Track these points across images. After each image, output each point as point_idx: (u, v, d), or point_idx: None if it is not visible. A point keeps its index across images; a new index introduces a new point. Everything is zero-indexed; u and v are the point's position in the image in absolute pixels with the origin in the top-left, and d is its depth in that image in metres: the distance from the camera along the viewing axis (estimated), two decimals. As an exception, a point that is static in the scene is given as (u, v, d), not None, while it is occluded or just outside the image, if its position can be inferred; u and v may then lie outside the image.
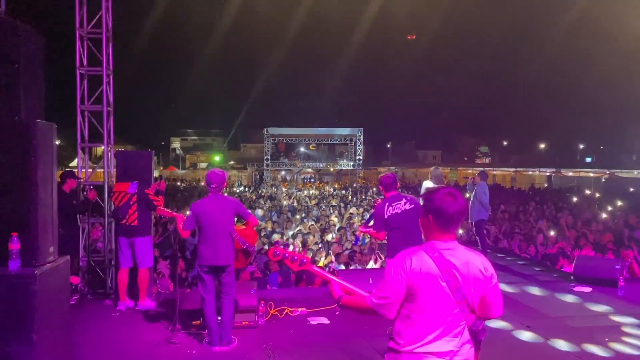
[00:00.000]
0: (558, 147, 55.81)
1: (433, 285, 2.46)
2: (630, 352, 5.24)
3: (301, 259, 3.02)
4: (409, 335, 2.50)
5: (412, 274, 2.47)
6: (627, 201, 19.16)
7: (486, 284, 2.54)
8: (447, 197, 2.56)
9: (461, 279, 2.48)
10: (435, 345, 2.46)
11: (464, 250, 2.60)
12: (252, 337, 5.61)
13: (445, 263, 2.48)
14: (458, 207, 2.55)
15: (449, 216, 2.54)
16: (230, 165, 53.93)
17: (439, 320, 2.47)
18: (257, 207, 19.32)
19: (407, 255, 2.56)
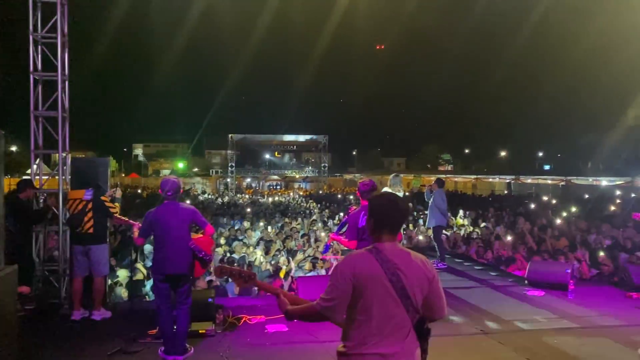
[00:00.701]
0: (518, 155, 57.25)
1: (378, 285, 2.52)
2: (576, 354, 5.41)
3: (247, 275, 3.06)
4: (356, 338, 2.54)
5: (358, 275, 2.52)
6: (582, 207, 19.82)
7: (429, 284, 2.61)
8: (390, 203, 2.67)
9: (405, 279, 2.54)
10: (382, 346, 2.51)
11: (407, 252, 2.69)
12: (209, 345, 5.57)
13: (389, 263, 2.55)
14: (399, 213, 2.66)
15: (392, 220, 2.65)
16: (194, 172, 53.34)
17: (384, 320, 2.52)
18: (219, 214, 19.17)
19: (353, 257, 2.64)
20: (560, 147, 53.43)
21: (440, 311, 2.69)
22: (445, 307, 2.72)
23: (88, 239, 6.49)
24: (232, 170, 39.81)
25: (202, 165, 59.90)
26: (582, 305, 7.18)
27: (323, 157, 41.12)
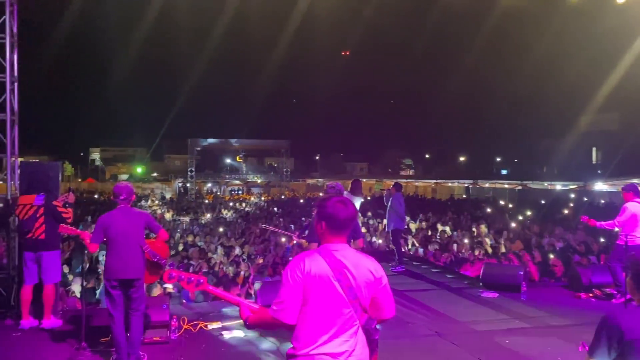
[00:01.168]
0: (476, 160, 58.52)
1: (326, 285, 2.54)
2: (527, 354, 5.56)
3: (197, 279, 3.03)
4: (304, 338, 2.55)
5: (307, 276, 2.54)
6: (537, 211, 20.43)
7: (377, 285, 2.64)
8: (339, 204, 2.70)
9: (353, 279, 2.57)
10: (330, 346, 2.52)
11: (355, 252, 2.72)
12: (163, 352, 5.49)
13: (338, 264, 2.58)
14: (348, 213, 2.70)
15: (340, 221, 2.67)
16: (153, 177, 52.40)
17: (333, 320, 2.54)
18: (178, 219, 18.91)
19: (302, 258, 2.65)
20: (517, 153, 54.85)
21: (389, 311, 2.73)
22: (394, 308, 2.77)
23: (39, 246, 6.29)
24: (191, 175, 39.33)
25: (162, 170, 58.92)
26: (533, 306, 7.38)
27: (285, 161, 41.12)
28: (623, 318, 2.72)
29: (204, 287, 3.06)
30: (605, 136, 40.39)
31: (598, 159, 43.00)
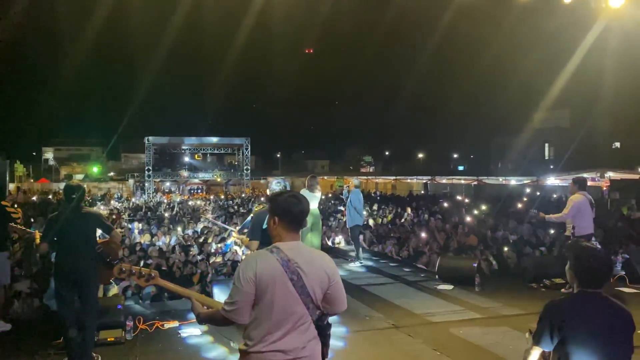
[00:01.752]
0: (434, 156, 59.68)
1: (279, 284, 2.54)
2: (480, 343, 5.71)
3: (149, 274, 2.99)
4: (257, 335, 2.56)
5: (259, 275, 2.54)
6: (492, 206, 20.96)
7: (329, 281, 2.66)
8: (291, 199, 2.71)
9: (305, 276, 2.58)
10: (282, 343, 2.54)
11: (308, 249, 2.75)
12: (118, 353, 5.39)
13: (290, 262, 2.59)
14: (301, 209, 2.70)
15: (293, 217, 2.68)
16: (109, 177, 51.13)
17: (285, 317, 2.55)
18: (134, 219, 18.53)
19: (254, 257, 2.65)
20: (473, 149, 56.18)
21: (341, 305, 2.76)
22: (345, 301, 2.80)
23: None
24: (149, 175, 38.56)
25: (119, 170, 57.55)
26: (487, 297, 7.58)
27: (245, 160, 40.81)
28: (564, 306, 2.83)
29: (155, 281, 3.03)
30: (557, 132, 41.77)
31: (550, 154, 44.44)
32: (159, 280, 3.03)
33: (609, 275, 2.94)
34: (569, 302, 2.89)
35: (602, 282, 2.87)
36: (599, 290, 2.90)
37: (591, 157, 31.90)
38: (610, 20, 12.74)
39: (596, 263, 2.82)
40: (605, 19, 12.73)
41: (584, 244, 3.03)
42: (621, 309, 2.89)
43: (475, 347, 5.58)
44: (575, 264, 2.90)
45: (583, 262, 2.84)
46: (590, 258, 2.84)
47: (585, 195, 7.72)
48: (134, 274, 3.00)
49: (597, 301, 2.84)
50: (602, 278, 2.85)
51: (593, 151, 34.47)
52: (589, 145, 34.93)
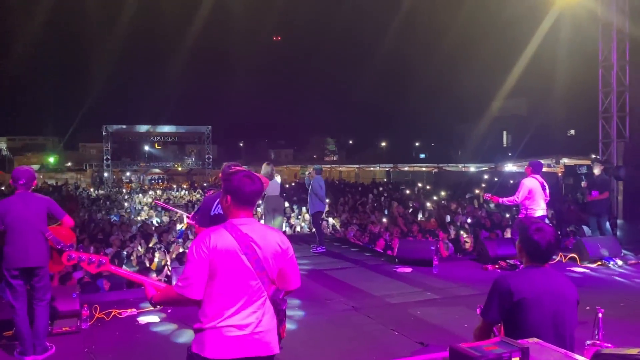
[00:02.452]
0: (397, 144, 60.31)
1: (233, 259, 2.55)
2: (436, 323, 5.85)
3: (99, 260, 2.95)
4: (211, 312, 2.56)
5: (213, 250, 2.54)
6: (452, 192, 21.40)
7: (283, 256, 2.69)
8: (245, 179, 2.71)
9: (260, 251, 2.60)
10: (237, 318, 2.55)
11: (261, 225, 2.77)
12: (73, 342, 5.28)
13: (244, 237, 2.60)
14: (254, 188, 2.71)
15: (246, 195, 2.68)
16: (66, 167, 49.75)
17: (240, 293, 2.56)
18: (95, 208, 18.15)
19: (207, 233, 2.64)
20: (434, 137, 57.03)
21: (295, 282, 2.80)
22: (300, 279, 2.84)
23: None
24: (107, 164, 37.70)
25: (76, 159, 56.00)
26: (444, 279, 7.76)
27: (207, 148, 40.34)
28: (512, 280, 2.93)
29: (106, 268, 2.99)
30: (514, 120, 42.78)
31: (508, 142, 45.49)
32: (109, 267, 2.99)
33: (554, 249, 3.05)
34: (517, 275, 3.00)
35: (548, 255, 2.99)
36: (545, 265, 3.02)
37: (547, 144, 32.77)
38: (564, 9, 13.09)
39: (541, 237, 2.93)
40: (558, 8, 13.08)
41: (535, 220, 3.17)
42: (567, 283, 3.02)
43: (431, 326, 5.71)
44: (523, 239, 3.02)
45: (530, 237, 2.95)
46: (536, 232, 2.95)
47: (538, 179, 7.97)
48: (83, 261, 2.95)
49: (544, 275, 2.96)
50: (547, 251, 2.96)
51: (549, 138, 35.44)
52: (545, 133, 35.91)
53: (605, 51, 11.60)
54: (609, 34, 11.43)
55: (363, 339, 5.38)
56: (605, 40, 11.57)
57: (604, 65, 11.70)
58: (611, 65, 11.45)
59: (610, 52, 11.46)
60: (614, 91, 11.47)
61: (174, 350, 5.05)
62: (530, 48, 23.34)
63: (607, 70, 11.64)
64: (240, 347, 2.53)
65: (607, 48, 11.54)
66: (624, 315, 5.91)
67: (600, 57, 11.72)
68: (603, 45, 11.62)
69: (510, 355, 1.80)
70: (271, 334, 2.64)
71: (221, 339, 2.52)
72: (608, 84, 11.61)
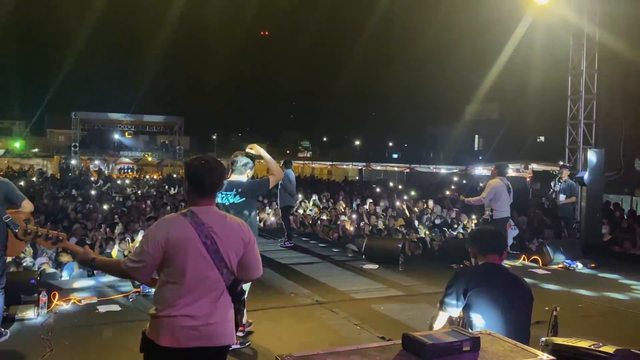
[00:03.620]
0: (370, 144, 60.59)
1: (191, 248, 2.51)
2: (399, 318, 5.90)
3: (56, 236, 2.89)
4: (167, 300, 2.52)
5: (170, 239, 2.49)
6: (422, 192, 21.61)
7: (244, 245, 2.65)
8: (204, 165, 2.66)
9: (219, 241, 2.56)
10: (192, 308, 2.50)
11: (223, 215, 2.72)
12: (29, 329, 5.18)
13: (204, 226, 2.55)
14: (213, 174, 2.66)
15: (203, 182, 2.64)
16: (33, 153, 48.51)
17: (197, 283, 2.51)
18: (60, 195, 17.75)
19: (165, 221, 2.61)
20: (408, 138, 57.52)
21: (256, 272, 2.77)
22: (261, 268, 2.81)
23: None
24: (75, 151, 36.90)
25: (44, 146, 54.63)
26: (409, 277, 7.83)
27: (179, 139, 39.85)
28: (469, 273, 3.03)
29: (63, 244, 2.93)
30: (486, 124, 43.42)
31: (480, 145, 46.18)
32: (66, 244, 2.94)
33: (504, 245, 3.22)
34: (474, 270, 3.08)
35: (499, 249, 3.14)
36: (500, 263, 3.14)
37: (517, 149, 33.36)
38: (536, 16, 13.31)
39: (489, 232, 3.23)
40: (532, 15, 13.30)
41: None
42: (521, 281, 3.15)
43: (394, 322, 5.76)
44: (473, 240, 3.24)
45: (480, 234, 3.09)
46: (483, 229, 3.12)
47: (503, 181, 8.11)
48: (40, 236, 2.88)
49: (499, 271, 3.08)
50: (498, 245, 3.15)
51: (519, 144, 36.09)
52: (516, 138, 36.53)
53: (575, 59, 11.83)
54: (580, 41, 11.66)
55: (325, 332, 5.39)
56: (575, 48, 11.81)
57: (573, 72, 11.94)
58: (580, 72, 11.69)
59: (580, 59, 11.70)
60: (582, 98, 11.72)
61: (133, 338, 4.97)
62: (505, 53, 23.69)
63: (576, 77, 11.88)
64: (194, 337, 2.49)
65: (577, 56, 11.78)
66: (582, 315, 6.07)
67: (570, 65, 11.96)
68: (573, 53, 11.86)
69: (461, 345, 1.83)
70: (227, 324, 2.61)
71: (175, 328, 2.48)
72: (577, 92, 11.86)
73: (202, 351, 2.52)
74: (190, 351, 2.49)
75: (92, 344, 4.91)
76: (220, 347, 2.59)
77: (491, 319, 2.85)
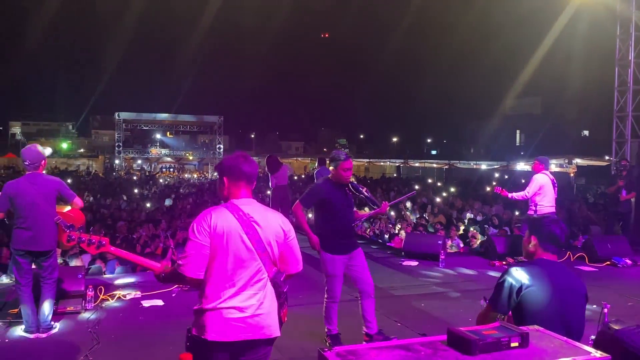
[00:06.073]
0: (408, 140, 60.05)
1: (234, 238, 2.52)
2: (439, 315, 5.82)
3: (99, 240, 2.93)
4: (211, 292, 2.53)
5: (213, 229, 2.51)
6: (462, 188, 21.30)
7: (285, 238, 2.66)
8: (239, 158, 2.69)
9: (261, 231, 2.57)
10: (238, 299, 2.51)
11: (263, 207, 2.72)
12: (77, 322, 5.32)
13: (246, 217, 2.57)
14: (249, 167, 2.68)
15: (241, 174, 2.66)
16: (80, 153, 50.08)
17: (240, 273, 2.53)
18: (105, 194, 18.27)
19: (208, 212, 2.62)
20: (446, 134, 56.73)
21: (297, 266, 2.76)
22: (301, 262, 2.80)
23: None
24: (119, 151, 37.91)
25: (89, 146, 56.37)
26: (450, 273, 7.71)
27: (218, 138, 40.38)
28: (522, 271, 2.89)
29: (106, 249, 2.97)
30: (528, 119, 42.42)
31: (521, 140, 45.13)
32: (109, 248, 2.97)
33: (566, 239, 3.05)
34: (529, 267, 2.94)
35: (561, 244, 2.99)
36: (556, 260, 2.98)
37: (560, 144, 32.50)
38: (581, 6, 12.90)
39: (556, 226, 2.94)
40: (574, 4, 12.89)
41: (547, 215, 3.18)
42: (578, 280, 2.98)
43: (434, 319, 5.68)
44: (536, 230, 2.99)
45: (547, 230, 2.94)
46: (552, 223, 2.94)
47: (548, 175, 7.87)
48: (83, 242, 2.93)
49: (554, 268, 2.92)
50: (561, 240, 2.96)
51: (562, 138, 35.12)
52: (559, 133, 35.58)
53: (622, 49, 11.42)
54: (627, 31, 11.24)
55: (365, 329, 5.35)
56: (623, 38, 11.40)
57: (620, 63, 11.52)
58: (628, 63, 11.28)
59: (627, 49, 11.28)
60: (630, 90, 11.29)
61: (176, 333, 5.06)
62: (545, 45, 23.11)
63: (623, 68, 11.47)
64: (240, 329, 2.50)
65: (624, 46, 11.36)
66: (633, 314, 5.84)
67: (617, 55, 11.54)
68: (620, 43, 11.44)
69: (509, 340, 1.78)
70: (272, 316, 2.61)
71: (221, 321, 2.49)
72: (624, 83, 11.44)
73: (250, 344, 2.53)
74: (238, 344, 2.50)
75: (136, 338, 5.01)
76: (268, 339, 2.59)
77: (544, 318, 2.73)
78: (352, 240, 5.04)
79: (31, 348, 4.70)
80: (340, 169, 4.67)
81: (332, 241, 4.79)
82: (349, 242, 4.93)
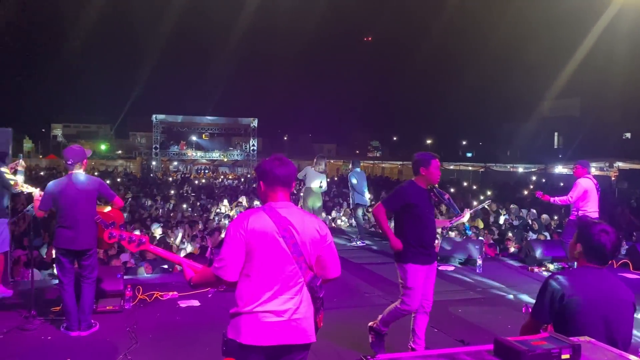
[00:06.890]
0: (442, 142, 59.31)
1: (271, 241, 2.51)
2: (476, 322, 5.70)
3: (139, 239, 2.98)
4: (247, 295, 2.52)
5: (250, 232, 2.51)
6: (499, 191, 20.91)
7: (322, 242, 2.63)
8: (275, 162, 2.69)
9: (298, 235, 2.55)
10: (274, 303, 2.50)
11: (300, 210, 2.72)
12: (116, 321, 5.41)
13: (282, 219, 2.56)
14: (284, 170, 2.67)
15: (276, 178, 2.65)
16: (117, 155, 51.27)
17: (277, 277, 2.51)
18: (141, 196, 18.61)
19: (246, 215, 2.62)
20: (482, 136, 55.83)
21: (334, 271, 2.73)
22: (339, 268, 2.76)
23: (-15, 213, 6.07)
24: (156, 153, 38.61)
25: (126, 147, 57.70)
26: (488, 279, 7.56)
27: (252, 140, 40.70)
28: (565, 280, 2.76)
29: (145, 247, 3.02)
30: (566, 121, 41.36)
31: (560, 143, 44.03)
32: (149, 246, 3.02)
33: (615, 253, 2.86)
34: (571, 275, 2.82)
35: (607, 258, 2.80)
36: (602, 267, 2.83)
37: (600, 146, 31.57)
38: (625, 4, 12.50)
39: (607, 239, 2.76)
40: (619, 3, 12.50)
41: (595, 221, 2.95)
42: (624, 288, 2.82)
43: (472, 325, 5.57)
44: (584, 239, 2.83)
45: (594, 238, 2.77)
46: (601, 233, 2.77)
47: (592, 179, 7.62)
48: (124, 239, 2.99)
49: (599, 276, 2.77)
50: (608, 254, 2.78)
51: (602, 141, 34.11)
52: (599, 135, 34.58)
53: (668, 49, 11.00)
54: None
55: (401, 335, 5.28)
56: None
57: (666, 63, 11.10)
58: (675, 63, 10.85)
59: (674, 49, 10.86)
60: (676, 91, 10.87)
61: (212, 334, 5.10)
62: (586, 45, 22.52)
63: (670, 68, 11.04)
64: (277, 334, 2.48)
65: (671, 45, 10.95)
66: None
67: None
68: (667, 43, 11.03)
69: (560, 352, 1.70)
70: (308, 321, 2.59)
71: (258, 325, 2.48)
72: (670, 84, 11.01)
73: (286, 349, 2.51)
74: (274, 349, 2.48)
75: (173, 339, 5.07)
76: (304, 344, 2.57)
77: (588, 328, 2.62)
78: (434, 250, 4.64)
79: (72, 345, 4.79)
80: (432, 167, 4.44)
81: (416, 250, 4.40)
82: (432, 252, 4.55)
